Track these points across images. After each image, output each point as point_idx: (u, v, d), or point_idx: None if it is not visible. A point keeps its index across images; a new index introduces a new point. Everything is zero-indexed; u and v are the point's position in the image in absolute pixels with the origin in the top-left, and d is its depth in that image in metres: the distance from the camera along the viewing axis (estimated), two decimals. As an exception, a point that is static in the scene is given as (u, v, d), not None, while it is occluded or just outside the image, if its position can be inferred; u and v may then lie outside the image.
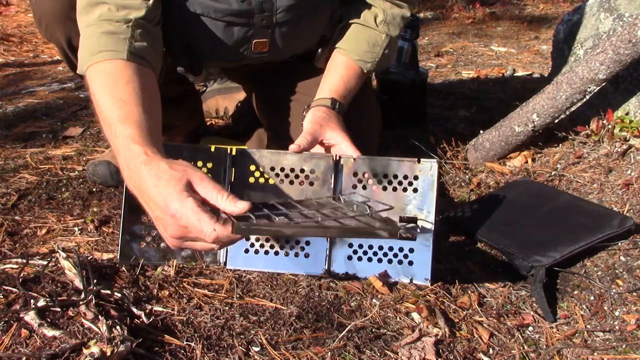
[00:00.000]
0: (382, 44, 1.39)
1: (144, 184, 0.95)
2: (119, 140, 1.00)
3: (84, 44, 1.13)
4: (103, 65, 1.09)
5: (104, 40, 1.10)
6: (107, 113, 1.03)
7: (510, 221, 1.35)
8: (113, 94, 1.04)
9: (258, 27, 1.33)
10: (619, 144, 1.58)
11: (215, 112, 2.08)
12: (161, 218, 0.93)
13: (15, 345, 0.95)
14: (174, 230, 0.92)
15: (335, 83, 1.35)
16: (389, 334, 1.05)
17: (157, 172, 0.94)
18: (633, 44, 1.42)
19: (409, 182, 1.20)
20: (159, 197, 0.92)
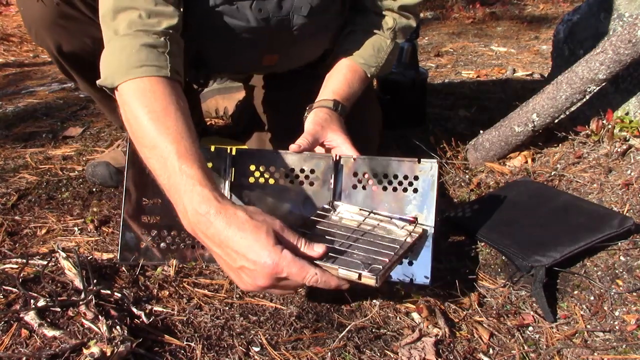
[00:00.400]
0: (386, 49, 1.39)
1: (223, 235, 0.93)
2: (180, 178, 0.96)
3: (116, 54, 1.07)
4: (146, 83, 1.04)
5: (145, 53, 1.05)
6: (158, 143, 0.99)
7: (510, 221, 1.35)
8: (165, 123, 1.00)
9: (273, 44, 1.33)
10: (619, 144, 1.58)
11: (215, 112, 2.08)
12: (250, 269, 0.93)
13: (15, 345, 0.95)
14: (266, 280, 0.93)
15: (339, 85, 1.34)
16: (389, 334, 1.05)
17: (237, 222, 0.93)
18: (633, 44, 1.42)
19: (409, 182, 1.20)
20: (248, 249, 0.92)
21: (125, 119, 1.06)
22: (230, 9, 1.22)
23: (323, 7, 1.29)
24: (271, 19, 1.26)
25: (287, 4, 1.26)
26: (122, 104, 1.06)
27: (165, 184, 1.00)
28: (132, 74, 1.04)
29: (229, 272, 0.98)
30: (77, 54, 1.37)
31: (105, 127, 2.09)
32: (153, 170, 1.02)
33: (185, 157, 0.98)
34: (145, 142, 1.01)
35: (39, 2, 1.29)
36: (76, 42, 1.34)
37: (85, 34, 1.33)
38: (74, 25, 1.32)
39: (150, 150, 1.01)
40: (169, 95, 1.04)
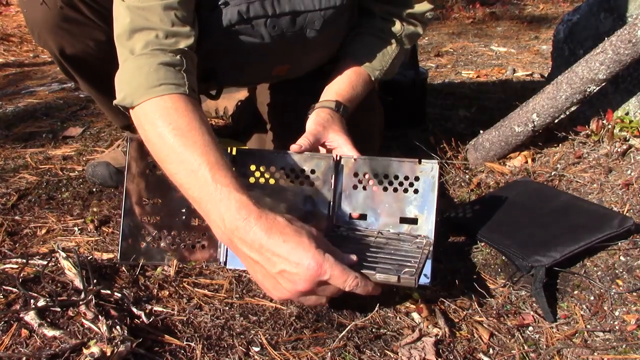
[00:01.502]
0: (392, 54, 1.39)
1: (264, 239, 0.93)
2: (213, 187, 0.96)
3: (134, 74, 1.07)
4: (167, 101, 1.04)
5: (163, 72, 1.05)
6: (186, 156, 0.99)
7: (510, 221, 1.35)
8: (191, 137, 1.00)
9: (284, 56, 1.34)
10: (619, 144, 1.58)
11: (215, 112, 2.08)
12: (291, 272, 0.93)
13: (15, 345, 0.95)
14: (307, 283, 0.93)
15: (342, 87, 1.34)
16: (389, 334, 1.05)
17: (278, 227, 0.94)
18: (633, 44, 1.42)
19: (410, 182, 1.20)
20: (291, 252, 0.92)
21: (147, 138, 1.06)
22: (245, 28, 1.22)
23: (335, 19, 1.29)
24: (285, 34, 1.26)
25: (300, 19, 1.26)
26: (143, 123, 1.06)
27: (195, 196, 1.00)
28: (152, 93, 1.04)
29: (264, 281, 0.98)
30: (80, 56, 1.37)
31: (105, 127, 2.09)
32: (180, 185, 1.02)
33: (216, 167, 0.98)
34: (172, 158, 1.01)
35: (43, 5, 1.29)
36: (79, 45, 1.34)
37: (88, 37, 1.33)
38: (77, 28, 1.32)
39: (177, 165, 1.01)
40: (191, 111, 1.04)
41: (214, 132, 1.06)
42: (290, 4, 1.23)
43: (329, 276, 0.93)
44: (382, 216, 1.20)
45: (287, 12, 1.23)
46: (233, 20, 1.20)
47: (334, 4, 1.26)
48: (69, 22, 1.31)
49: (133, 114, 1.09)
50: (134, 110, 1.08)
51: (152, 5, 1.08)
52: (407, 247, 1.14)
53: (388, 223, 1.20)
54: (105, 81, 1.44)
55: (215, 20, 1.20)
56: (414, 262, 1.05)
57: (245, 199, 0.96)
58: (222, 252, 1.22)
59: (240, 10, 1.19)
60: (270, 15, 1.22)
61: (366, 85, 1.38)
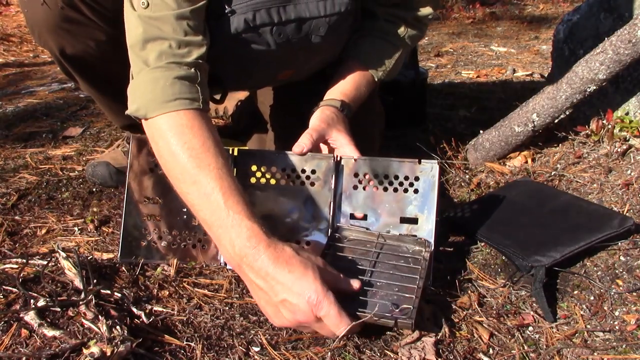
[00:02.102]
0: (395, 56, 1.41)
1: (270, 268, 0.96)
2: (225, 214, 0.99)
3: (148, 86, 1.08)
4: (182, 117, 1.05)
5: (179, 87, 1.07)
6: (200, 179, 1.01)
7: (510, 221, 1.35)
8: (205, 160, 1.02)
9: (289, 61, 1.34)
10: (619, 144, 1.58)
11: (215, 112, 2.08)
12: (292, 303, 0.95)
13: (15, 345, 0.95)
14: (306, 316, 0.95)
15: (347, 87, 1.35)
16: (389, 334, 1.05)
17: (285, 257, 0.97)
18: (633, 44, 1.42)
19: (410, 183, 1.20)
20: (294, 283, 0.95)
21: (159, 154, 1.08)
22: (252, 35, 1.23)
23: (339, 25, 1.30)
24: (291, 40, 1.26)
25: (306, 26, 1.26)
26: (157, 138, 1.07)
27: (207, 219, 1.02)
28: (166, 108, 1.05)
29: (267, 307, 1.00)
30: (80, 56, 1.37)
31: (105, 127, 2.09)
32: (191, 206, 1.05)
33: (229, 193, 1.00)
34: (185, 178, 1.03)
35: (43, 5, 1.29)
36: (80, 46, 1.34)
37: (88, 37, 1.33)
38: (78, 28, 1.32)
39: (190, 185, 1.03)
40: (206, 130, 1.06)
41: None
42: (295, 11, 1.23)
43: (325, 314, 0.95)
44: (383, 216, 1.20)
45: (293, 19, 1.24)
46: (240, 28, 1.20)
47: (339, 10, 1.27)
48: (70, 22, 1.31)
49: (146, 125, 1.10)
50: (147, 122, 1.09)
51: (165, 15, 1.08)
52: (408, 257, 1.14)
53: (388, 223, 1.20)
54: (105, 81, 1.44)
55: (222, 29, 1.20)
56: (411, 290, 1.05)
57: (256, 227, 0.98)
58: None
59: (247, 19, 1.20)
60: (276, 22, 1.22)
61: (370, 86, 1.39)
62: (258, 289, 0.99)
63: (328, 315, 0.95)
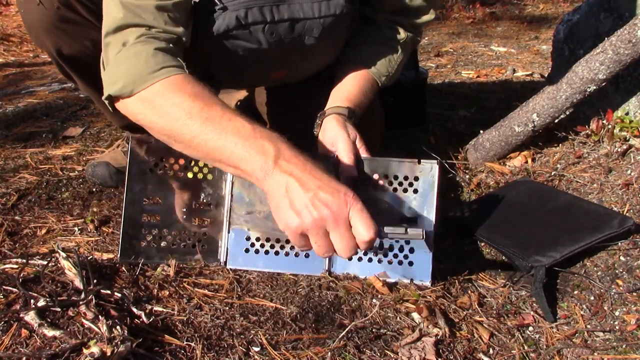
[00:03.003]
0: (397, 60, 1.41)
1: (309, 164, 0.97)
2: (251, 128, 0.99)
3: (134, 62, 1.06)
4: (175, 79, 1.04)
5: (161, 57, 1.06)
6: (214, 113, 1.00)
7: (510, 221, 1.35)
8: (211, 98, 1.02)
9: (282, 61, 1.34)
10: (619, 144, 1.58)
11: (215, 112, 2.08)
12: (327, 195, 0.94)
13: (15, 345, 0.95)
14: (339, 208, 0.94)
15: (352, 92, 1.35)
16: (389, 334, 1.05)
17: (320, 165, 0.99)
18: (633, 44, 1.42)
19: (410, 182, 1.20)
20: (332, 181, 0.96)
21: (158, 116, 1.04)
22: (243, 33, 1.22)
23: (334, 28, 1.30)
24: (283, 40, 1.26)
25: (299, 27, 1.26)
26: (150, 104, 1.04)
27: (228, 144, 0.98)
28: (155, 77, 1.04)
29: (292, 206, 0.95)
30: (77, 56, 1.37)
31: (105, 127, 2.09)
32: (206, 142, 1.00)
33: (248, 117, 1.01)
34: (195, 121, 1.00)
35: (40, 6, 1.29)
36: (76, 46, 1.34)
37: (85, 37, 1.34)
38: (74, 28, 1.32)
39: (202, 124, 0.99)
40: (199, 84, 1.06)
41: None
42: (289, 10, 1.23)
43: (358, 210, 0.95)
44: (384, 215, 1.20)
45: (286, 19, 1.23)
46: (231, 25, 1.20)
47: (334, 12, 1.26)
48: (66, 22, 1.31)
49: (132, 102, 1.06)
50: (132, 98, 1.06)
51: (146, 4, 1.08)
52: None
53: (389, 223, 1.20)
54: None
55: (213, 25, 1.20)
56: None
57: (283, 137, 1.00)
58: (222, 252, 1.23)
59: (238, 16, 1.19)
60: (268, 21, 1.22)
61: (374, 90, 1.40)
62: (285, 191, 0.95)
63: (362, 211, 0.95)
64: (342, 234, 0.95)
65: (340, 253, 0.97)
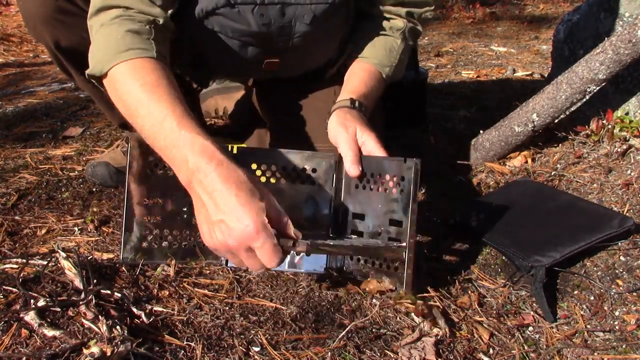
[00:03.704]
0: (398, 49, 1.40)
1: (218, 186, 0.96)
2: (179, 134, 0.99)
3: (102, 43, 1.10)
4: (136, 63, 1.07)
5: (130, 38, 1.08)
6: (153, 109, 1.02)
7: (510, 221, 1.35)
8: (158, 92, 1.04)
9: (273, 48, 1.34)
10: (618, 144, 1.58)
11: (214, 112, 2.08)
12: (228, 226, 0.95)
13: (15, 345, 0.95)
14: (238, 242, 0.95)
15: (355, 85, 1.34)
16: (389, 334, 1.05)
17: (237, 180, 0.97)
18: (633, 44, 1.42)
19: (397, 182, 1.18)
20: (237, 208, 0.94)
21: (118, 99, 1.08)
22: (231, 12, 1.22)
23: (326, 16, 1.30)
24: (273, 24, 1.26)
25: (289, 11, 1.26)
26: (113, 86, 1.09)
27: (162, 145, 1.02)
28: (120, 57, 1.07)
29: (203, 224, 0.99)
30: (75, 49, 1.37)
31: (105, 127, 2.09)
32: (147, 137, 1.05)
33: (182, 117, 1.01)
34: (140, 111, 1.04)
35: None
36: (74, 38, 1.35)
37: (83, 29, 1.33)
38: (72, 20, 1.32)
39: (144, 117, 1.03)
40: (159, 71, 1.07)
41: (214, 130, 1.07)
42: None
43: (259, 246, 0.95)
44: (377, 217, 1.19)
45: (276, 2, 1.24)
46: (219, 3, 1.21)
47: (325, 0, 1.27)
48: (64, 14, 1.31)
49: (105, 82, 1.11)
50: (105, 79, 1.10)
51: None
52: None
53: (381, 224, 1.18)
54: None
55: (201, 3, 1.21)
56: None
57: (210, 146, 0.99)
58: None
59: None
60: (258, 2, 1.23)
61: (378, 82, 1.38)
62: (201, 205, 0.98)
63: (262, 248, 0.95)
64: (246, 259, 0.98)
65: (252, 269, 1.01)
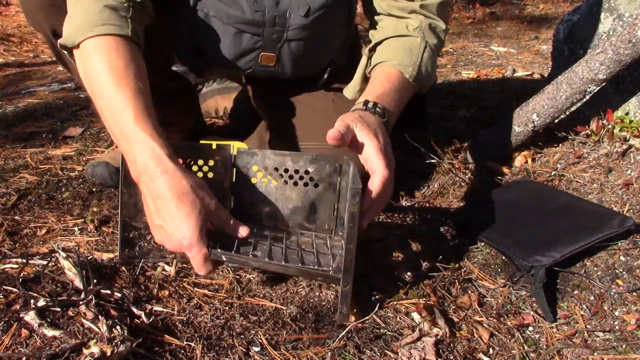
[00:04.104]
0: (419, 48, 1.30)
1: (162, 193, 1.00)
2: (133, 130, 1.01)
3: (79, 15, 1.09)
4: (110, 41, 1.07)
5: (108, 14, 1.08)
6: (115, 96, 1.03)
7: (510, 221, 1.35)
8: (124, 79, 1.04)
9: (267, 40, 1.33)
10: (618, 144, 1.58)
11: (215, 112, 2.08)
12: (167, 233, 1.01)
13: (15, 345, 0.95)
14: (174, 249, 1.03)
15: (372, 89, 1.26)
16: (389, 334, 1.05)
17: (180, 190, 1.00)
18: (633, 44, 1.42)
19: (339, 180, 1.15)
20: (177, 219, 0.99)
21: (84, 73, 1.09)
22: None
23: (322, 12, 1.29)
24: (266, 14, 1.27)
25: (284, 2, 1.27)
26: (82, 59, 1.09)
27: (117, 134, 1.04)
28: (94, 32, 1.07)
29: (149, 219, 1.05)
30: None
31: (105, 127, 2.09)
32: (105, 121, 1.07)
33: (140, 113, 1.03)
34: (103, 95, 1.05)
35: None
36: None
37: None
38: None
39: (106, 102, 1.05)
40: (131, 55, 1.08)
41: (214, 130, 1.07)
42: None
43: (192, 257, 1.01)
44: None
45: None
46: None
47: None
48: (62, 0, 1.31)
49: (75, 54, 1.11)
50: (76, 51, 1.10)
51: None
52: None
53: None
54: None
55: None
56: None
57: (159, 150, 1.01)
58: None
59: None
60: None
61: (400, 82, 1.28)
62: (148, 204, 1.03)
63: (194, 259, 1.01)
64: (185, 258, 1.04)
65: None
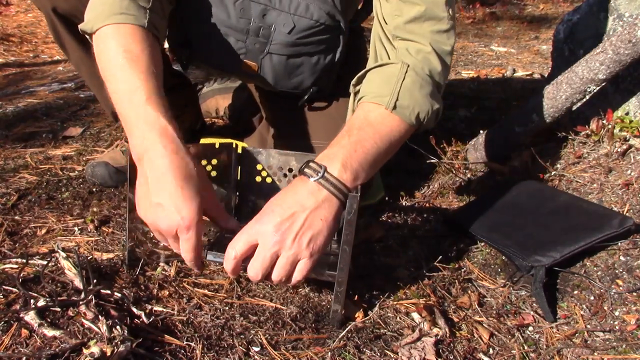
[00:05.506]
0: (399, 75, 1.11)
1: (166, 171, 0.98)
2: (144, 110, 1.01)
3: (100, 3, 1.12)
4: (126, 28, 1.08)
5: (127, 3, 1.10)
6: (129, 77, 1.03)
7: (510, 221, 1.35)
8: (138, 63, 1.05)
9: (251, 48, 1.34)
10: (619, 144, 1.58)
11: (215, 112, 2.08)
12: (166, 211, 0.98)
13: (15, 345, 0.95)
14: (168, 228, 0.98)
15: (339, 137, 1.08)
16: (389, 334, 1.05)
17: (184, 172, 0.99)
18: (633, 44, 1.42)
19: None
20: (177, 199, 0.97)
21: (99, 57, 1.09)
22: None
23: (307, 33, 1.31)
24: (252, 23, 1.28)
25: (271, 15, 1.29)
26: (99, 44, 1.10)
27: (126, 114, 1.03)
28: (112, 20, 1.08)
29: (143, 198, 1.01)
30: (73, 15, 1.37)
31: (105, 127, 2.09)
32: (115, 102, 1.06)
33: (153, 93, 1.03)
34: (117, 77, 1.05)
35: None
36: (72, 1, 1.35)
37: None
38: None
39: (119, 83, 1.05)
40: (146, 41, 1.09)
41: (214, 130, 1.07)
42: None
43: (185, 239, 0.98)
44: None
45: (261, 2, 1.27)
46: None
47: (310, 16, 1.29)
48: None
49: (94, 38, 1.12)
50: (94, 36, 1.11)
51: None
52: None
53: None
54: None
55: None
56: None
57: (170, 130, 1.00)
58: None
59: None
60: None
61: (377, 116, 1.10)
62: (145, 182, 1.00)
63: (187, 241, 0.98)
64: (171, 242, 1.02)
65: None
